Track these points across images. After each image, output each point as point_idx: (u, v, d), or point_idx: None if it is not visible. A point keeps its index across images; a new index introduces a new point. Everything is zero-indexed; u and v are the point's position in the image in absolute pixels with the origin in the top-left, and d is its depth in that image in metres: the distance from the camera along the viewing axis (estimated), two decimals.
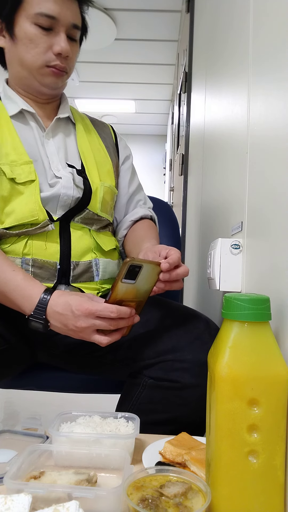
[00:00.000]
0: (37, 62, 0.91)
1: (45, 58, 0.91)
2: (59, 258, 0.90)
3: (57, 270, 0.90)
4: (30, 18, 0.89)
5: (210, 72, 1.42)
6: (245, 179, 0.81)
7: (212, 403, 0.51)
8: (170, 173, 4.26)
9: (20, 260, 0.88)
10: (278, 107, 0.62)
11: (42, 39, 0.90)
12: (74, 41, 0.95)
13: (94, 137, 1.05)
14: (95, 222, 0.97)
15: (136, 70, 4.10)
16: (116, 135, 1.14)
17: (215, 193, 1.23)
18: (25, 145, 0.91)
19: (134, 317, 0.76)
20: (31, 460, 0.58)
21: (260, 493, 0.48)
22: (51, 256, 0.90)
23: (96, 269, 0.95)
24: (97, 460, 0.60)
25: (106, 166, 1.02)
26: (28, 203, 0.87)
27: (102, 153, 1.04)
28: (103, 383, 1.05)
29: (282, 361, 0.49)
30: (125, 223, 1.08)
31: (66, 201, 0.91)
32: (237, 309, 0.50)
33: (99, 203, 0.96)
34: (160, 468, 0.53)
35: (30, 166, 0.89)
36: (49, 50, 0.91)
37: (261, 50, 0.73)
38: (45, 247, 0.89)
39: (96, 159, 1.00)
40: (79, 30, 0.95)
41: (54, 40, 0.90)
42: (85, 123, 1.07)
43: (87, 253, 0.94)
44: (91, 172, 0.97)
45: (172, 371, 0.80)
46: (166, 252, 0.78)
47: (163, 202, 1.34)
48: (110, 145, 1.09)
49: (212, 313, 1.19)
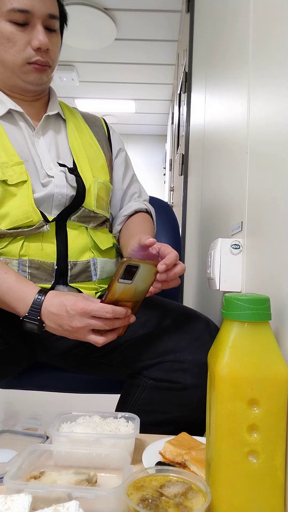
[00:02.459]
0: (18, 60, 0.89)
1: (25, 56, 0.88)
2: (56, 259, 0.89)
3: (54, 271, 0.89)
4: (3, 16, 0.86)
5: (210, 72, 1.42)
6: (245, 179, 0.81)
7: (212, 403, 0.51)
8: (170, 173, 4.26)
9: (17, 262, 0.87)
10: (278, 107, 0.62)
11: (19, 36, 0.87)
12: (53, 31, 0.91)
13: (85, 132, 1.03)
14: (92, 219, 0.95)
15: (136, 70, 4.10)
16: (108, 128, 1.12)
17: (215, 193, 1.23)
18: (15, 145, 0.90)
19: (130, 317, 0.75)
20: (31, 460, 0.58)
21: (260, 493, 0.48)
22: (48, 257, 0.89)
23: (94, 269, 0.94)
24: (97, 460, 0.60)
25: (99, 161, 1.00)
26: (21, 205, 0.86)
27: (95, 148, 1.02)
28: (103, 383, 1.05)
29: (282, 361, 0.49)
30: (119, 218, 1.06)
31: (60, 200, 0.90)
32: (237, 309, 0.50)
33: (94, 200, 0.95)
34: (160, 468, 0.53)
35: (21, 166, 0.87)
36: (28, 46, 0.88)
37: (261, 50, 0.73)
38: (42, 248, 0.88)
39: (88, 155, 0.98)
40: (56, 19, 0.92)
41: (31, 35, 0.88)
42: (76, 118, 1.05)
43: (85, 252, 0.93)
44: (84, 169, 0.95)
45: (172, 372, 0.80)
46: (159, 248, 0.77)
47: (163, 202, 1.34)
48: (102, 139, 1.06)
49: (212, 313, 1.19)
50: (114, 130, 1.14)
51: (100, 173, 0.98)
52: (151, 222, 1.06)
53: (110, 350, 0.87)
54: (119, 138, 1.13)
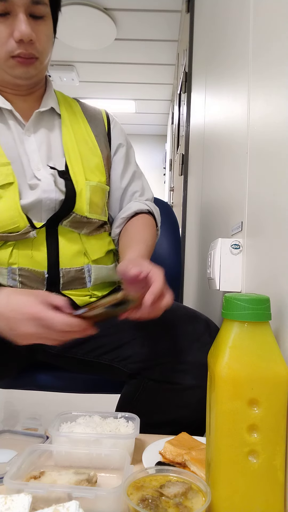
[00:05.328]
0: (1, 55, 0.82)
1: (7, 49, 0.81)
2: (47, 267, 0.85)
3: (45, 279, 0.86)
4: None
5: (210, 72, 1.42)
6: (245, 179, 0.81)
7: (212, 403, 0.51)
8: (170, 173, 4.26)
9: (6, 270, 0.83)
10: (278, 107, 0.62)
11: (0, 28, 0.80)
12: (40, 18, 0.83)
13: (82, 128, 0.95)
14: (85, 225, 0.90)
15: (136, 70, 4.10)
16: (109, 121, 1.03)
17: (215, 193, 1.23)
18: (3, 145, 0.85)
19: (88, 330, 0.68)
20: (31, 460, 0.58)
21: (260, 493, 0.48)
22: (38, 265, 0.85)
23: (88, 275, 0.90)
24: (97, 460, 0.60)
25: (94, 160, 0.93)
26: (8, 210, 0.82)
27: (90, 145, 0.94)
28: (103, 383, 1.05)
29: (282, 361, 0.49)
30: (117, 221, 0.99)
31: (49, 205, 0.85)
32: (237, 309, 0.50)
33: (87, 205, 0.88)
34: (160, 468, 0.53)
35: (8, 168, 0.83)
36: (10, 38, 0.81)
37: (261, 50, 0.73)
38: (31, 256, 0.84)
39: (82, 154, 0.91)
40: (42, 4, 0.82)
41: (13, 26, 0.80)
42: (73, 112, 0.97)
43: (78, 258, 0.89)
44: (76, 171, 0.89)
45: (172, 373, 0.80)
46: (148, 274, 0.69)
47: (163, 202, 1.34)
48: (101, 134, 0.98)
49: (212, 313, 1.19)
50: (117, 123, 1.05)
51: (94, 174, 0.92)
52: (153, 226, 0.99)
53: (109, 350, 0.87)
54: (121, 132, 1.04)
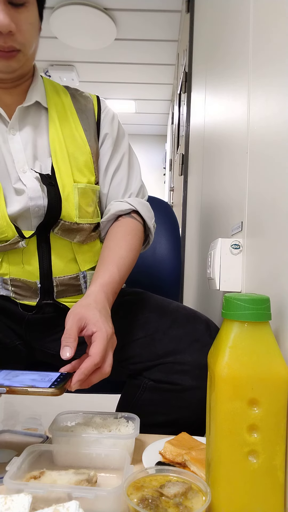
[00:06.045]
0: None
1: None
2: (39, 277, 0.83)
3: (38, 289, 0.84)
4: None
5: (210, 72, 1.42)
6: (245, 179, 0.81)
7: (212, 403, 0.51)
8: (170, 173, 4.26)
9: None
10: (279, 106, 0.62)
11: None
12: (21, 5, 0.75)
13: (70, 123, 0.88)
14: (77, 232, 0.85)
15: (136, 70, 4.10)
16: (100, 110, 0.94)
17: (215, 193, 1.23)
18: None
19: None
20: (31, 460, 0.58)
21: (260, 493, 0.48)
22: (30, 275, 0.83)
23: (84, 281, 0.88)
24: (97, 460, 0.60)
25: (82, 157, 0.87)
26: None
27: (79, 142, 0.88)
28: (103, 383, 1.04)
29: (282, 361, 0.49)
30: (102, 224, 0.92)
31: (38, 212, 0.82)
32: (237, 309, 0.50)
33: (76, 210, 0.83)
34: (160, 468, 0.53)
35: None
36: None
37: (261, 50, 0.73)
38: (23, 266, 0.82)
39: (70, 153, 0.85)
40: None
41: None
42: (62, 104, 0.89)
43: (72, 265, 0.86)
44: (63, 172, 0.83)
45: (172, 374, 0.80)
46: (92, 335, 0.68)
47: (163, 202, 1.34)
48: (91, 126, 0.91)
49: (212, 313, 1.19)
50: (109, 111, 0.96)
51: (83, 174, 0.86)
52: (136, 230, 0.88)
53: None
54: (111, 121, 0.95)
